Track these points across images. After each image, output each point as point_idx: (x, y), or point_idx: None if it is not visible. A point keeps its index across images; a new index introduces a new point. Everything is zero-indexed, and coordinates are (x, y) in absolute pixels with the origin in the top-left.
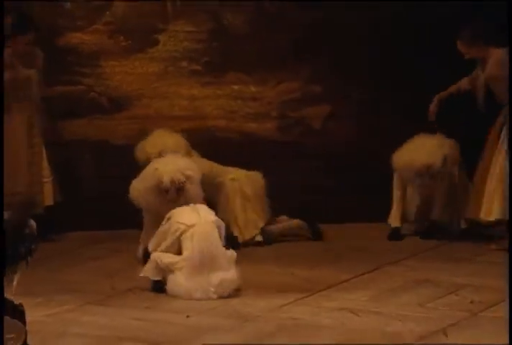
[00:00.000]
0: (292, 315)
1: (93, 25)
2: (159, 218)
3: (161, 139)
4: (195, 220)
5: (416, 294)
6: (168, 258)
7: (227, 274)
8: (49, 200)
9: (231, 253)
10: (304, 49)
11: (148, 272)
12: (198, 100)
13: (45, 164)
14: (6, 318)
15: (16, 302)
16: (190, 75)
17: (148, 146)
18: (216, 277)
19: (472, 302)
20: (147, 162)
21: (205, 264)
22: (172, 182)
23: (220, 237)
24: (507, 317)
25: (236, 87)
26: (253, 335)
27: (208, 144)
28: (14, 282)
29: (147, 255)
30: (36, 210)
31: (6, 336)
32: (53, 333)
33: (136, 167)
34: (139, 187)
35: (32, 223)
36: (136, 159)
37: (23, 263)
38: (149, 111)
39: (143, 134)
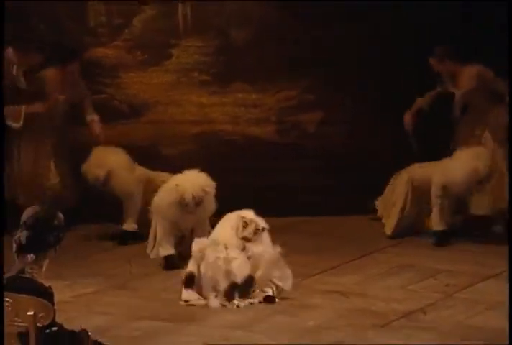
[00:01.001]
0: (288, 296)
1: (114, 41)
2: (175, 226)
3: (105, 158)
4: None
5: (399, 278)
6: None
7: None
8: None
9: None
10: (300, 63)
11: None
12: (206, 107)
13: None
14: (38, 299)
15: (46, 285)
16: (200, 85)
17: (94, 167)
18: None
19: (447, 285)
20: (97, 182)
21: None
22: (193, 198)
23: None
24: (478, 298)
25: (240, 95)
26: (254, 315)
27: (215, 145)
28: (44, 268)
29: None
30: (64, 204)
31: (38, 314)
32: (78, 312)
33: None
34: (161, 201)
35: (60, 215)
36: (86, 179)
37: (52, 250)
38: (164, 116)
39: (159, 136)
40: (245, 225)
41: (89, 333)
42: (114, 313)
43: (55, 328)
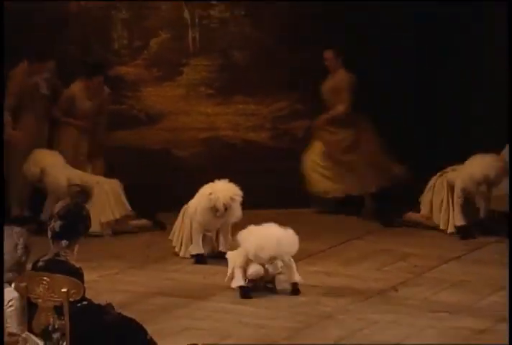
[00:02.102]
0: None
1: (135, 61)
2: (204, 227)
3: (40, 158)
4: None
5: (375, 261)
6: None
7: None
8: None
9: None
10: (290, 79)
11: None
12: (211, 116)
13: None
14: (70, 278)
15: (77, 266)
16: (206, 98)
17: (31, 165)
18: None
19: (416, 266)
20: (33, 178)
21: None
22: (223, 205)
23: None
24: (442, 277)
25: (240, 106)
26: (253, 292)
27: (218, 148)
28: (75, 252)
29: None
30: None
31: (70, 291)
32: (104, 289)
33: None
34: (195, 207)
35: (87, 207)
36: (25, 177)
37: (81, 237)
38: (176, 124)
39: (172, 141)
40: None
41: (112, 306)
42: (134, 291)
43: (84, 303)
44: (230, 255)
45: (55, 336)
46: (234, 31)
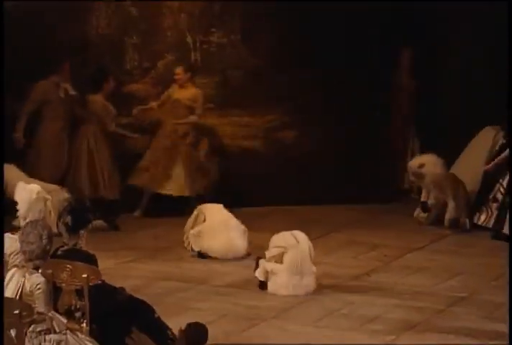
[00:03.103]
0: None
1: (144, 79)
2: None
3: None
4: (292, 242)
5: (350, 251)
6: (272, 265)
7: (310, 279)
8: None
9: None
10: (279, 95)
11: (258, 274)
12: (213, 126)
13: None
14: (89, 265)
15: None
16: (207, 111)
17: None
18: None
19: (385, 255)
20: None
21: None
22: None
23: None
24: (408, 264)
25: (236, 118)
26: (247, 276)
27: (218, 155)
28: (83, 237)
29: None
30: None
31: (90, 276)
32: (119, 275)
33: None
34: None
35: (88, 202)
36: None
37: (89, 225)
38: None
39: None
40: None
41: (125, 289)
42: (144, 276)
43: (102, 287)
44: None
45: (77, 314)
46: (230, 54)
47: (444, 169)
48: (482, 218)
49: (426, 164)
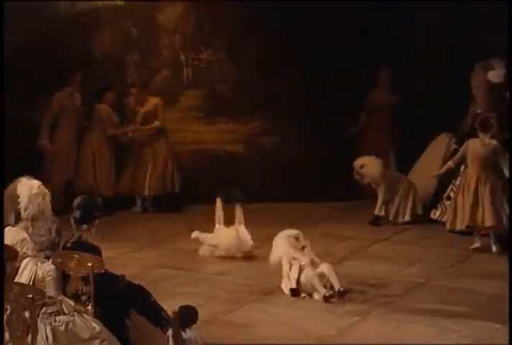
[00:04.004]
0: (257, 255)
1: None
2: None
3: None
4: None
5: (322, 242)
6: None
7: None
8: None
9: None
10: (260, 104)
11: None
12: (200, 133)
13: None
14: (94, 255)
15: (96, 245)
16: (196, 119)
17: None
18: None
19: (354, 246)
20: None
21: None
22: None
23: None
24: (374, 254)
25: (222, 125)
26: (236, 265)
27: (206, 158)
28: (93, 233)
29: None
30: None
31: (94, 265)
32: (120, 264)
33: None
34: None
35: (99, 200)
36: None
37: (97, 221)
38: (173, 139)
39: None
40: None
41: (125, 276)
42: (141, 264)
43: (104, 274)
44: None
45: (83, 298)
46: (218, 70)
47: (383, 170)
48: (437, 214)
49: (366, 165)
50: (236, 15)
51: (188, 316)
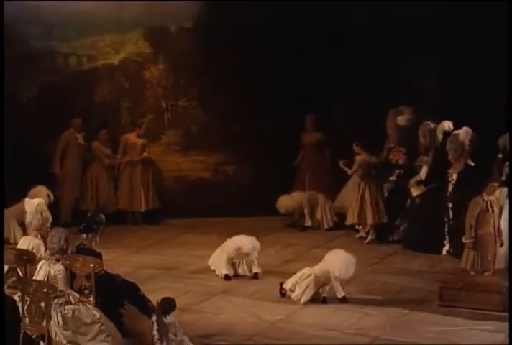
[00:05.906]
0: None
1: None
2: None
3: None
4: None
5: (274, 247)
6: None
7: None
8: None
9: None
10: (223, 141)
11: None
12: (179, 163)
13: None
14: (94, 258)
15: (97, 251)
16: (175, 152)
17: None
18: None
19: (297, 250)
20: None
21: None
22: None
23: None
24: (313, 257)
25: (194, 157)
26: (204, 265)
27: (183, 182)
28: (95, 242)
29: None
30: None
31: (95, 266)
32: (117, 265)
33: None
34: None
35: (101, 216)
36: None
37: (96, 233)
38: (158, 168)
39: (154, 178)
40: None
41: (120, 275)
42: (133, 266)
43: (103, 273)
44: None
45: (86, 291)
46: (191, 114)
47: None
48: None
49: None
50: (206, 72)
51: (168, 305)
